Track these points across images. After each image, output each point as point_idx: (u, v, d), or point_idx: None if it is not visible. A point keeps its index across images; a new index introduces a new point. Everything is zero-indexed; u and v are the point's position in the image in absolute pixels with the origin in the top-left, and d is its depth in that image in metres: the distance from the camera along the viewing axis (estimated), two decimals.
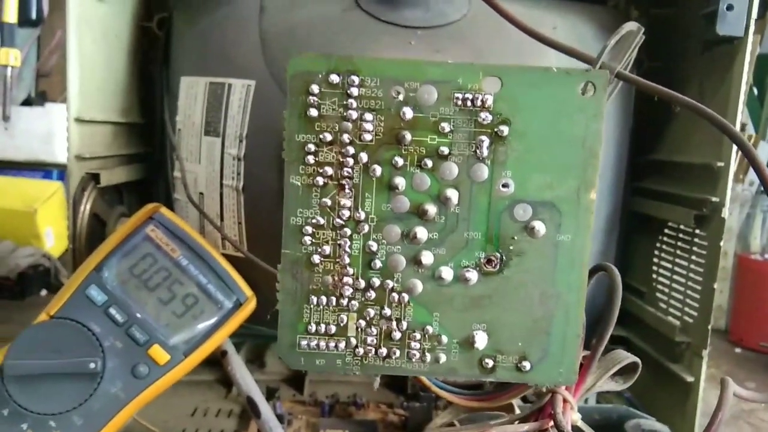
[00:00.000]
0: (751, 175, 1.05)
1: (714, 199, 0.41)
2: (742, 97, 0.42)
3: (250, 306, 0.36)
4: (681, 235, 0.46)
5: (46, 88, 1.12)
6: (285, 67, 0.22)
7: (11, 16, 0.93)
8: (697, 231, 0.43)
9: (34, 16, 1.00)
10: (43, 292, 0.85)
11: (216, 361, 0.44)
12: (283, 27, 0.43)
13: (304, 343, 0.23)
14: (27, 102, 1.07)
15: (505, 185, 0.22)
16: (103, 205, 0.47)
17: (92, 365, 0.32)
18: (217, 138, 0.44)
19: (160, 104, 0.51)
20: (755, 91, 1.03)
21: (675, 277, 0.46)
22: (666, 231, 0.48)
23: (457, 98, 0.22)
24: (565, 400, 0.26)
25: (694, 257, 0.44)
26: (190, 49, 0.48)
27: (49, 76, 1.13)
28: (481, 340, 0.23)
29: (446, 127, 0.22)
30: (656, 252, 0.49)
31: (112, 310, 0.33)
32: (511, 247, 0.23)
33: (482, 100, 0.22)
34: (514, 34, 0.27)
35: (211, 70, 0.45)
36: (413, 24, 0.41)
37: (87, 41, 0.45)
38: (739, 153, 0.41)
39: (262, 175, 0.43)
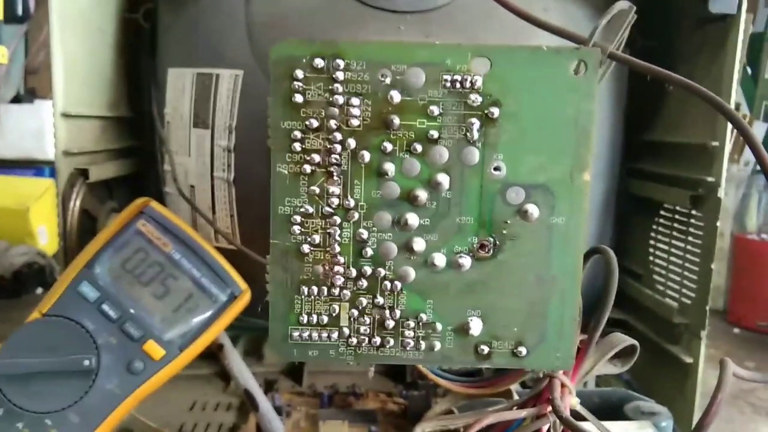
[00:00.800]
0: (747, 155, 1.04)
1: (710, 179, 0.41)
2: (736, 76, 0.42)
3: (245, 299, 0.36)
4: (677, 216, 0.46)
5: (35, 85, 1.11)
6: None
7: None
8: (694, 212, 0.43)
9: (20, 12, 0.98)
10: (39, 290, 0.85)
11: (214, 355, 0.43)
12: (270, 15, 0.42)
13: (296, 334, 0.23)
14: (16, 99, 1.06)
15: (496, 168, 0.22)
16: (92, 200, 0.46)
17: (87, 362, 0.32)
18: (207, 130, 0.44)
19: (148, 97, 0.51)
20: (749, 70, 1.03)
21: (672, 258, 0.46)
22: (662, 212, 0.48)
23: (446, 80, 0.21)
24: (563, 385, 0.26)
25: (690, 238, 0.44)
26: (177, 40, 0.47)
27: (38, 73, 1.11)
28: (475, 327, 0.23)
29: (435, 110, 0.22)
30: (653, 234, 0.49)
31: (105, 307, 0.33)
32: (504, 231, 0.22)
33: (471, 82, 0.21)
34: (506, 16, 0.26)
35: (198, 60, 0.45)
36: (402, 8, 0.40)
37: (70, 35, 0.44)
38: (734, 133, 0.40)
39: (253, 166, 0.42)
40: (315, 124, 0.22)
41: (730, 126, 0.41)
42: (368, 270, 0.23)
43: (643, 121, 0.50)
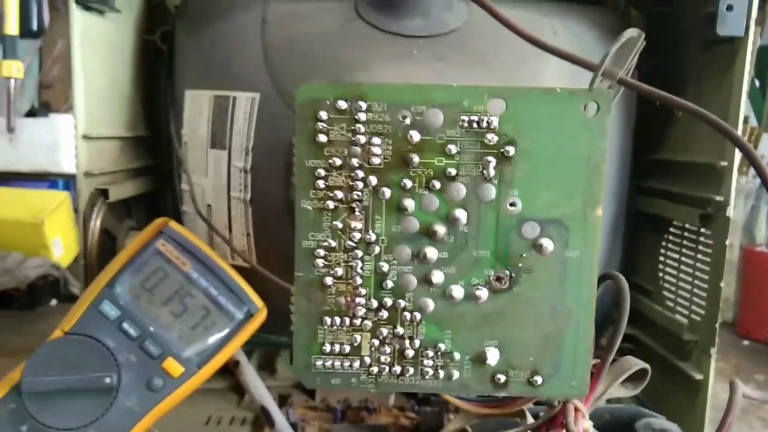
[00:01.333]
0: None
1: (718, 198, 0.41)
2: (744, 96, 0.42)
3: (261, 316, 0.36)
4: (686, 234, 0.46)
5: (49, 99, 1.12)
6: (289, 78, 0.22)
7: (12, 28, 0.93)
8: (702, 230, 0.44)
9: (35, 27, 1.00)
10: (53, 302, 0.86)
11: (228, 369, 0.44)
12: (286, 39, 0.43)
13: (319, 363, 0.24)
14: (31, 113, 1.07)
15: (512, 204, 0.23)
16: (112, 219, 0.47)
17: (108, 380, 0.32)
18: (224, 151, 0.45)
19: (165, 117, 0.52)
20: (757, 83, 1.03)
21: (681, 275, 0.46)
22: (671, 230, 0.48)
23: (463, 120, 0.22)
24: (576, 409, 0.27)
25: (700, 255, 0.44)
26: (194, 62, 0.48)
27: (52, 87, 1.13)
28: (492, 357, 0.23)
29: (453, 148, 0.23)
30: (662, 251, 0.49)
31: (126, 325, 0.34)
32: (520, 265, 0.23)
33: (488, 122, 0.22)
34: (516, 40, 0.27)
35: (215, 82, 0.45)
36: (414, 33, 0.41)
37: (91, 57, 0.45)
38: None
39: (269, 186, 0.43)
40: (338, 162, 0.22)
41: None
42: (389, 301, 0.23)
43: (651, 140, 0.50)
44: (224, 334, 0.35)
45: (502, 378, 0.24)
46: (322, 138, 0.22)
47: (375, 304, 0.23)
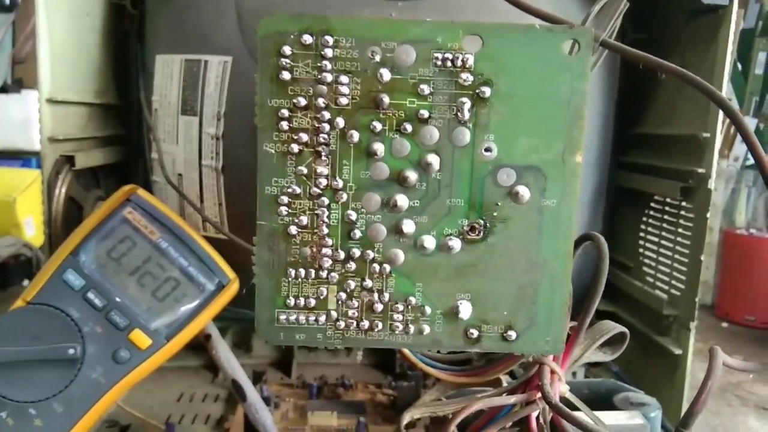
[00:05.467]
0: (736, 150, 1.05)
1: (700, 170, 0.41)
2: (728, 67, 0.41)
3: (233, 288, 0.35)
4: (667, 208, 0.46)
5: (22, 75, 1.10)
6: None
7: None
8: (684, 203, 0.43)
9: (7, 1, 0.97)
10: (25, 282, 0.84)
11: (202, 347, 0.43)
12: (260, 1, 0.42)
13: (283, 317, 0.22)
14: (3, 89, 1.04)
15: (487, 149, 0.22)
16: (78, 188, 0.45)
17: (71, 351, 0.31)
18: (195, 117, 0.43)
19: (135, 84, 0.50)
20: (739, 66, 1.03)
21: (662, 250, 0.46)
22: (652, 204, 0.48)
23: (437, 58, 0.21)
24: (552, 371, 0.26)
25: (680, 230, 0.44)
26: (165, 27, 0.46)
27: (25, 63, 1.10)
28: (465, 310, 0.22)
29: (426, 89, 0.21)
30: (643, 226, 0.49)
31: (91, 295, 0.33)
32: (494, 214, 0.22)
33: (463, 60, 0.21)
34: (498, 3, 0.26)
35: (187, 47, 0.44)
36: None
37: (57, 21, 0.44)
38: (725, 126, 0.40)
39: (241, 153, 0.42)
40: (303, 102, 0.21)
41: (720, 117, 0.41)
42: (357, 252, 0.22)
43: (634, 113, 0.50)
44: (194, 306, 0.34)
45: (475, 333, 0.23)
46: (286, 75, 0.21)
47: (342, 255, 0.22)
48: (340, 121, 0.21)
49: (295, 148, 0.21)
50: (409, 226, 0.22)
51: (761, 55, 0.98)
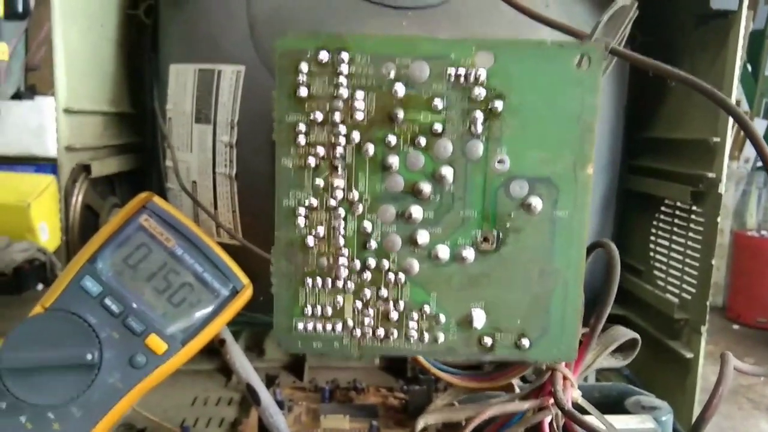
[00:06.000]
0: (746, 152, 1.05)
1: (710, 174, 0.41)
2: (737, 72, 0.42)
3: (247, 293, 0.36)
4: (678, 212, 0.46)
5: (35, 82, 1.11)
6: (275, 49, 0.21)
7: None
8: (694, 207, 0.43)
9: (20, 9, 0.98)
10: (40, 287, 0.85)
11: (215, 351, 0.43)
12: (272, 11, 0.42)
13: (300, 326, 0.23)
14: (17, 96, 1.05)
15: (500, 162, 0.22)
16: (95, 196, 0.46)
17: (89, 356, 0.32)
18: (209, 125, 0.44)
19: (149, 93, 0.51)
20: (749, 67, 1.03)
21: (672, 254, 0.46)
22: (663, 208, 0.48)
23: (450, 74, 0.22)
24: (564, 378, 0.26)
25: (691, 234, 0.44)
26: (178, 36, 0.47)
27: (38, 70, 1.11)
28: (479, 319, 0.23)
29: (439, 104, 0.22)
30: (653, 230, 0.49)
31: (108, 301, 0.33)
32: (507, 225, 0.23)
33: (476, 76, 0.21)
34: (507, 12, 0.27)
35: (200, 56, 0.45)
36: (404, 5, 0.40)
37: (73, 31, 0.44)
38: (734, 129, 0.40)
39: (254, 161, 0.42)
40: (320, 117, 0.22)
41: (730, 122, 0.41)
42: (372, 262, 0.23)
43: (643, 118, 0.50)
44: (209, 311, 0.34)
45: (489, 341, 0.23)
46: (303, 92, 0.21)
47: (358, 265, 0.23)
48: (356, 136, 0.22)
49: (312, 161, 0.22)
50: (423, 237, 0.22)
51: None
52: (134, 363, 0.32)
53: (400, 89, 0.21)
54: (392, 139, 0.22)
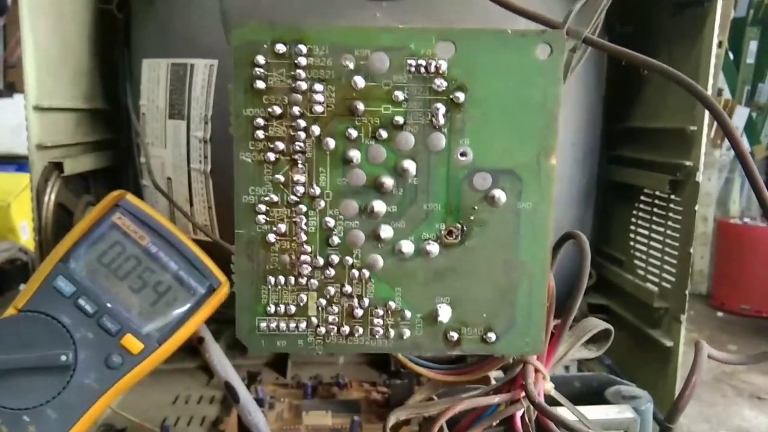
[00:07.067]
0: None
1: (688, 163, 0.41)
2: (713, 61, 0.41)
3: (224, 291, 0.35)
4: (657, 202, 0.46)
5: (14, 80, 1.09)
6: None
7: None
8: (673, 196, 0.43)
9: None
10: (21, 287, 0.84)
11: (197, 349, 0.43)
12: (245, 4, 0.42)
13: (263, 325, 0.23)
14: None
15: (463, 154, 0.22)
16: (68, 194, 0.45)
17: (63, 358, 0.31)
18: (182, 121, 0.43)
19: (123, 89, 0.50)
20: (731, 55, 1.03)
21: (652, 243, 0.46)
22: (642, 198, 0.48)
23: (410, 65, 0.21)
24: (536, 370, 0.26)
25: (670, 223, 0.44)
26: (151, 31, 0.46)
27: (17, 67, 1.09)
28: (444, 314, 0.22)
29: (400, 95, 0.21)
30: (633, 219, 0.49)
31: (82, 301, 0.33)
32: (471, 218, 0.22)
33: (436, 66, 0.21)
34: (482, 2, 0.26)
35: (173, 51, 0.44)
36: None
37: (42, 26, 0.43)
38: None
39: (230, 156, 0.42)
40: (278, 111, 0.21)
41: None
42: (335, 258, 0.22)
43: (622, 108, 0.50)
44: (185, 310, 0.34)
45: (455, 336, 0.23)
46: (260, 85, 0.21)
47: (321, 261, 0.22)
48: (316, 129, 0.21)
49: (272, 156, 0.22)
50: (387, 232, 0.22)
51: (752, 44, 0.97)
52: (110, 363, 0.32)
53: (359, 81, 0.21)
54: (353, 132, 0.21)
